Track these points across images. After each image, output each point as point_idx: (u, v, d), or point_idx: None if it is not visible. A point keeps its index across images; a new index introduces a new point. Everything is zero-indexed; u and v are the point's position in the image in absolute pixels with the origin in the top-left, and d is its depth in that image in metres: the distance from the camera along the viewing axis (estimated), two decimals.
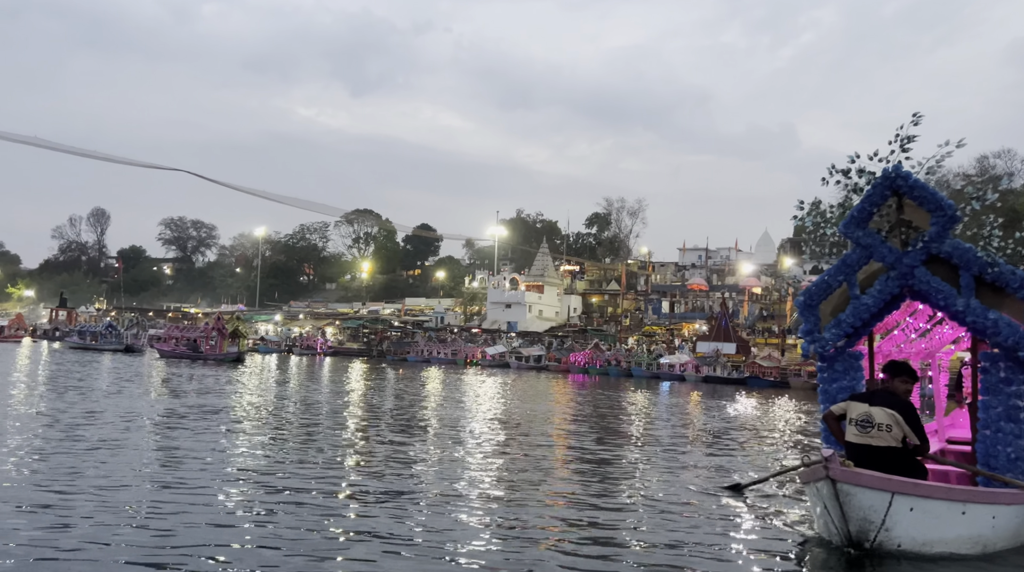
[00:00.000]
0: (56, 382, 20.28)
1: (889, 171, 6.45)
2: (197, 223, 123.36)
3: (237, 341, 42.46)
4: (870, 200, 6.56)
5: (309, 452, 10.04)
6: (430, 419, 15.15)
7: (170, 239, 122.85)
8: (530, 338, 63.91)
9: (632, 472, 9.75)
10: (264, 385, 24.05)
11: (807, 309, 7.06)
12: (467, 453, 10.59)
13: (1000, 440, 6.25)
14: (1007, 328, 6.10)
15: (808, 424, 19.29)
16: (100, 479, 7.43)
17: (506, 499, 7.42)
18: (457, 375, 38.52)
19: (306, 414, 14.78)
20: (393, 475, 8.53)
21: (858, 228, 6.70)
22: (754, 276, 71.73)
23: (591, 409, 20.07)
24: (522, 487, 8.10)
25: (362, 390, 23.55)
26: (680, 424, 16.93)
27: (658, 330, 62.57)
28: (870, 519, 5.17)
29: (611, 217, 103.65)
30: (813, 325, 7.00)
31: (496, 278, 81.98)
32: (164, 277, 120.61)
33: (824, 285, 6.96)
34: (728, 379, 44.72)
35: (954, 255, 6.29)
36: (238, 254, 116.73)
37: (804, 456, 6.99)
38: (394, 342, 65.32)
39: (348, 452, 10.34)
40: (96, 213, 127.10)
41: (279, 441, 10.85)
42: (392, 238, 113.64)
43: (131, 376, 24.65)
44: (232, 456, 9.42)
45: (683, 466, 10.37)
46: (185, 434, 11.02)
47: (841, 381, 6.96)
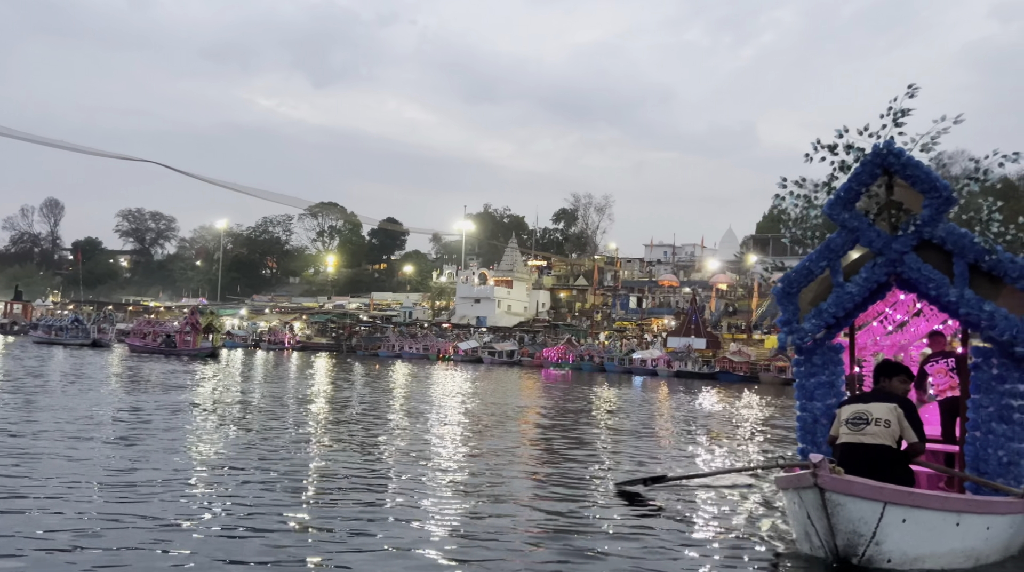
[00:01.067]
0: (52, 379, 19.77)
1: (880, 147, 5.87)
2: (156, 215, 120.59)
3: (211, 336, 41.78)
4: (858, 179, 5.99)
5: (299, 447, 9.98)
6: (414, 415, 15.05)
7: (127, 231, 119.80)
8: (501, 333, 64.05)
9: (597, 469, 9.33)
10: (248, 381, 23.86)
11: (785, 297, 6.48)
12: (439, 446, 10.67)
13: (991, 442, 5.78)
14: (1004, 321, 5.62)
15: (775, 417, 19.65)
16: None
17: (474, 498, 7.17)
18: (431, 370, 38.46)
19: (299, 411, 14.63)
20: (370, 471, 8.59)
21: (844, 209, 6.13)
22: (720, 272, 72.89)
23: (568, 404, 20.14)
24: (487, 487, 7.81)
25: (344, 386, 23.43)
26: (654, 418, 16.62)
27: (629, 325, 63.24)
28: (860, 532, 4.69)
29: (578, 213, 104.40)
30: (791, 315, 6.44)
31: (465, 273, 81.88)
32: (121, 270, 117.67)
33: (805, 271, 6.39)
34: (699, 374, 45.43)
35: (948, 241, 5.80)
36: (198, 247, 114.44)
37: (779, 457, 6.50)
38: (364, 337, 64.81)
39: (333, 446, 10.38)
40: (49, 203, 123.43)
41: (271, 437, 10.78)
42: (357, 232, 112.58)
43: (117, 371, 24.26)
44: (215, 451, 9.46)
45: (655, 459, 10.12)
46: (175, 432, 10.76)
47: (819, 376, 6.45)
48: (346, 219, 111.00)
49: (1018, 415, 5.75)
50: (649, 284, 72.53)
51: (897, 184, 6.02)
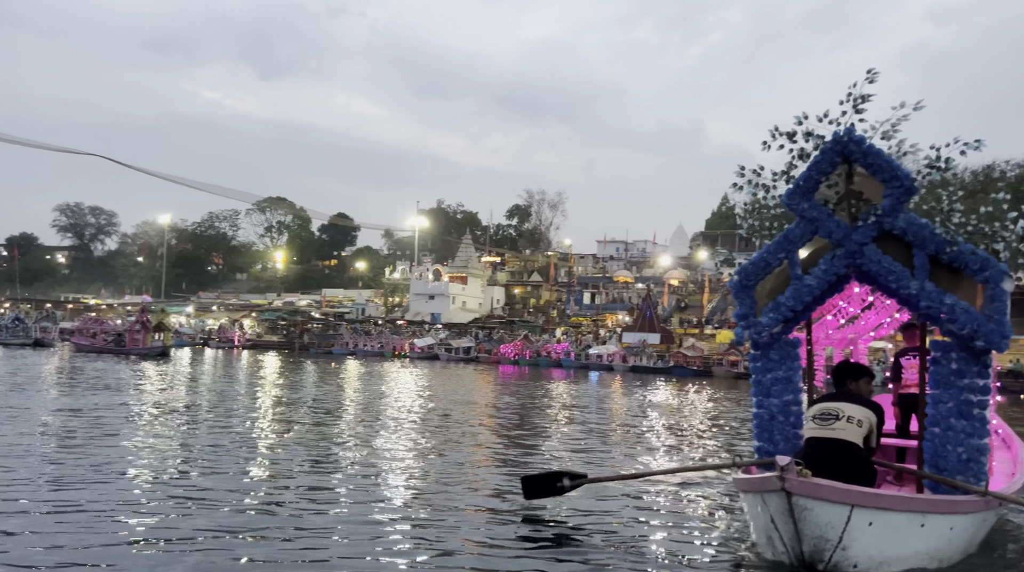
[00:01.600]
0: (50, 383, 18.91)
1: (840, 135, 5.69)
2: (96, 209, 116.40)
3: (161, 335, 40.55)
4: (817, 167, 5.81)
5: (243, 451, 9.75)
6: (369, 415, 14.84)
7: (65, 226, 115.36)
8: (457, 329, 63.85)
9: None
10: (201, 381, 23.25)
11: (742, 290, 6.27)
12: (386, 447, 10.41)
13: (950, 439, 5.63)
14: (964, 314, 5.50)
15: (730, 411, 19.95)
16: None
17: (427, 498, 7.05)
18: (387, 368, 38.10)
19: (252, 414, 14.16)
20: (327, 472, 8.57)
21: (803, 199, 5.91)
22: (672, 268, 74.06)
23: (526, 400, 20.15)
24: (437, 486, 7.74)
25: (300, 386, 23.00)
26: (609, 413, 16.45)
27: (584, 321, 63.76)
28: (827, 537, 4.53)
29: (532, 209, 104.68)
30: (748, 308, 6.24)
31: (419, 269, 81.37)
32: (59, 266, 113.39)
33: (762, 263, 6.18)
34: (654, 368, 46.03)
35: (909, 231, 5.65)
36: (141, 243, 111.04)
37: (736, 456, 6.14)
38: (317, 334, 63.81)
39: (279, 450, 10.19)
40: None
41: (222, 440, 10.45)
42: (307, 227, 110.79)
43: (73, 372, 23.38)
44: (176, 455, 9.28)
45: (609, 456, 10.04)
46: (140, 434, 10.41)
47: (776, 371, 6.26)
48: (295, 214, 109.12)
49: (977, 410, 5.63)
50: (604, 280, 73.23)
51: (857, 173, 5.87)
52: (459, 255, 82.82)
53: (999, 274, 5.53)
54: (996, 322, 5.49)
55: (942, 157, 5.66)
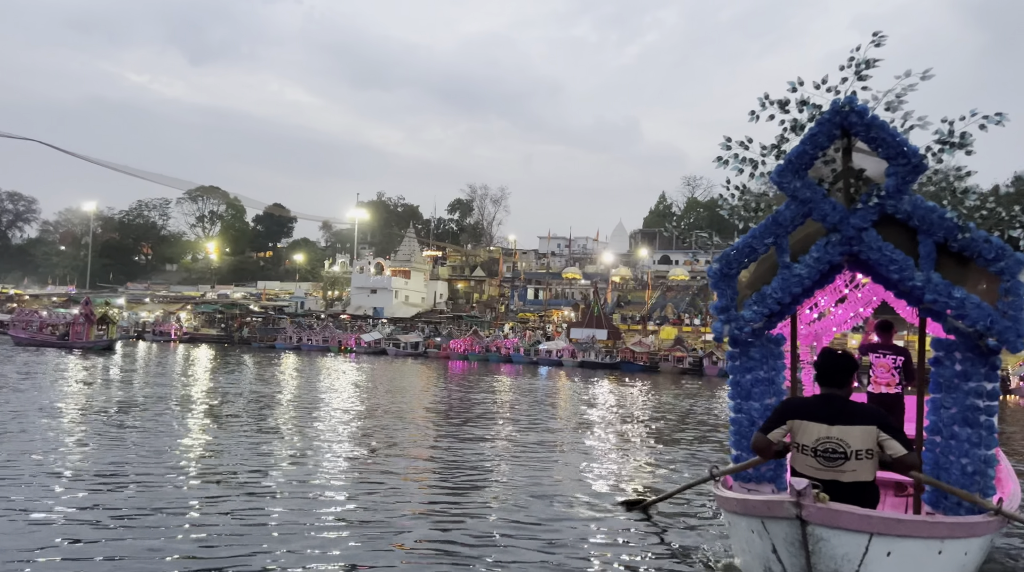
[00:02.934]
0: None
1: (840, 104, 5.05)
2: (14, 195, 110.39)
3: (106, 327, 38.98)
4: (813, 141, 5.18)
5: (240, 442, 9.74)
6: (329, 411, 14.70)
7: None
8: (403, 324, 63.44)
9: (501, 471, 8.90)
10: (149, 376, 22.57)
11: (723, 280, 5.62)
12: (330, 446, 10.16)
13: (954, 449, 5.03)
14: (975, 309, 4.91)
15: (690, 408, 20.18)
16: None
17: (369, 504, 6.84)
18: (334, 363, 37.63)
19: (205, 409, 13.91)
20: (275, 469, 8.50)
21: (796, 177, 5.27)
22: (614, 265, 75.37)
23: (480, 395, 20.16)
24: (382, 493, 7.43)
25: (265, 381, 22.66)
26: (567, 411, 16.45)
27: (531, 317, 64.32)
28: (841, 570, 3.96)
29: (474, 204, 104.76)
30: (729, 300, 5.60)
31: (361, 262, 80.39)
32: None
33: (747, 250, 5.54)
34: (602, 364, 46.79)
35: (914, 216, 5.04)
36: (63, 231, 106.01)
37: (713, 467, 5.43)
38: (259, 328, 62.35)
39: (220, 445, 10.10)
40: None
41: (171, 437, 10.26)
42: (240, 218, 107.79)
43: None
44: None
45: (559, 462, 9.57)
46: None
47: (757, 371, 5.62)
48: (229, 204, 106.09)
49: (984, 417, 5.00)
50: (550, 276, 73.98)
51: (857, 148, 5.26)
52: (402, 249, 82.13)
53: (1016, 264, 4.94)
54: (1011, 318, 4.90)
55: (955, 131, 4.98)
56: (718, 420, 17.12)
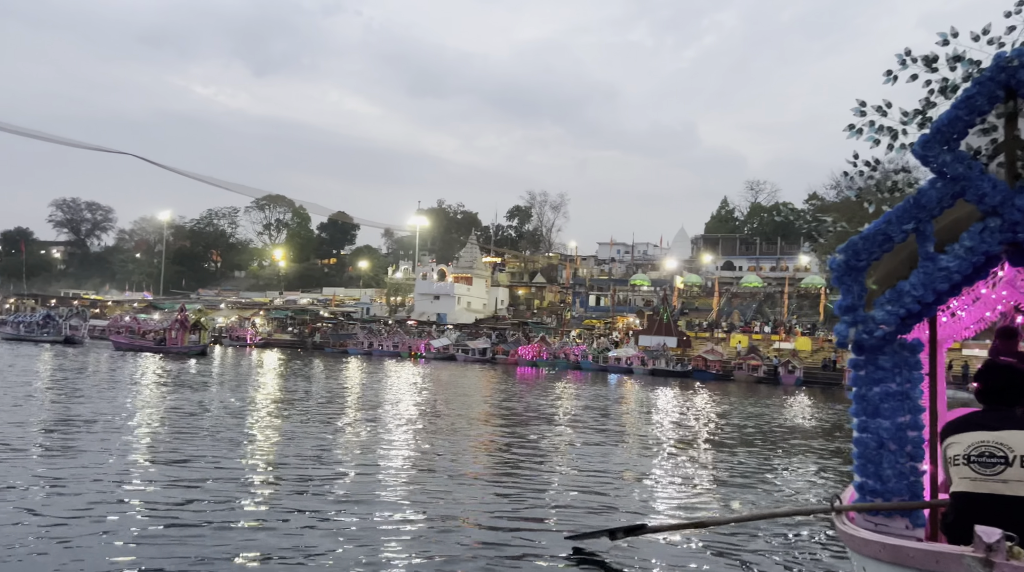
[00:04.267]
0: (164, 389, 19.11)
1: (1006, 58, 4.14)
2: (92, 205, 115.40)
3: (199, 333, 40.64)
4: (969, 105, 4.26)
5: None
6: (433, 416, 15.39)
7: (61, 221, 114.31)
8: (469, 330, 64.11)
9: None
10: (262, 380, 23.59)
11: (849, 273, 4.70)
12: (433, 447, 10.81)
13: None
14: None
15: (781, 419, 20.73)
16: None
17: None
18: (413, 369, 38.47)
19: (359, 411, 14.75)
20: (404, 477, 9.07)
21: (945, 149, 4.33)
22: (677, 271, 74.73)
23: (567, 404, 20.69)
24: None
25: (363, 387, 23.47)
26: (637, 422, 17.42)
27: (597, 324, 64.26)
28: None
29: (533, 210, 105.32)
30: (856, 298, 4.70)
31: (424, 269, 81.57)
32: (55, 262, 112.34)
33: (880, 238, 4.59)
34: (674, 372, 46.58)
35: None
36: (138, 239, 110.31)
37: (833, 498, 4.70)
38: (332, 334, 63.83)
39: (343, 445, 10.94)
40: None
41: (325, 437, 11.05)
42: (305, 226, 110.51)
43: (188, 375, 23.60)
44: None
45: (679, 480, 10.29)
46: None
47: (888, 383, 4.68)
48: (294, 212, 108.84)
49: None
50: (613, 282, 73.81)
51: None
52: (464, 255, 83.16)
53: None
54: None
55: None
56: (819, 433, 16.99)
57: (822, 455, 13.46)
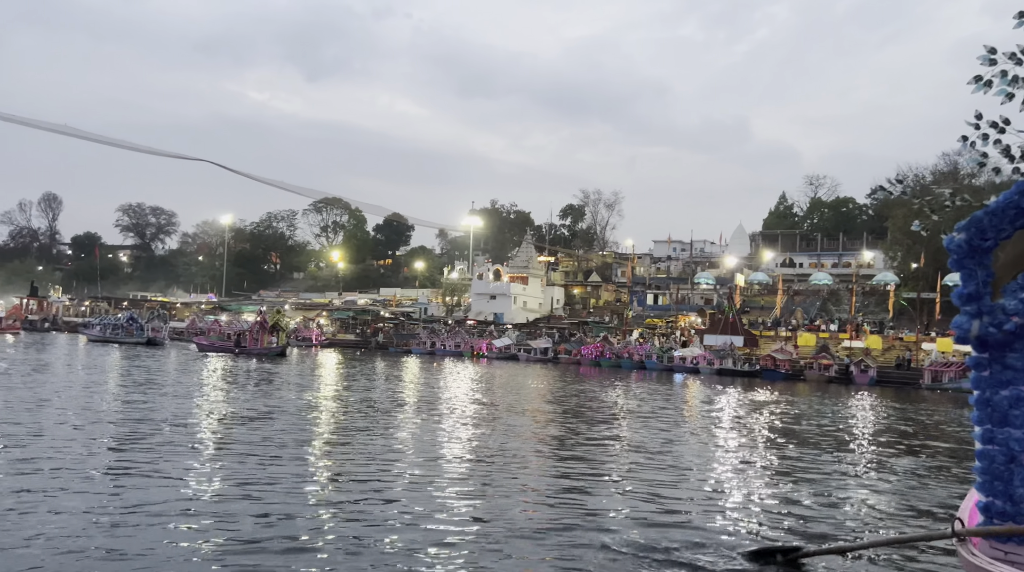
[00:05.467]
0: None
1: None
2: (156, 209, 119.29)
3: (277, 335, 41.83)
4: None
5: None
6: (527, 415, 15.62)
7: (128, 226, 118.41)
8: (528, 330, 64.34)
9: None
10: (356, 380, 24.24)
11: (972, 256, 3.98)
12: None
13: None
14: None
15: (874, 421, 20.19)
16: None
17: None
18: (479, 368, 38.85)
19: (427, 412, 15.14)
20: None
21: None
22: (737, 269, 73.71)
23: (643, 405, 20.73)
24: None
25: (436, 386, 23.94)
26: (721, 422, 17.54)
27: (659, 323, 63.82)
28: None
29: (587, 209, 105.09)
30: (980, 285, 4.01)
31: (480, 269, 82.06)
32: (122, 265, 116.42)
33: (1012, 212, 3.86)
34: (742, 372, 45.94)
35: None
36: (200, 242, 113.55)
37: (954, 521, 4.16)
38: (395, 334, 64.79)
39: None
40: (47, 198, 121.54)
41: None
42: (362, 227, 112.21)
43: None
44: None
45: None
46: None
47: (1019, 386, 4.00)
48: (351, 214, 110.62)
49: None
50: (672, 280, 73.20)
51: None
52: (519, 255, 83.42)
53: None
54: None
55: None
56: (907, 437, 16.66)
57: (941, 462, 13.24)
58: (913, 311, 55.61)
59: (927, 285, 57.08)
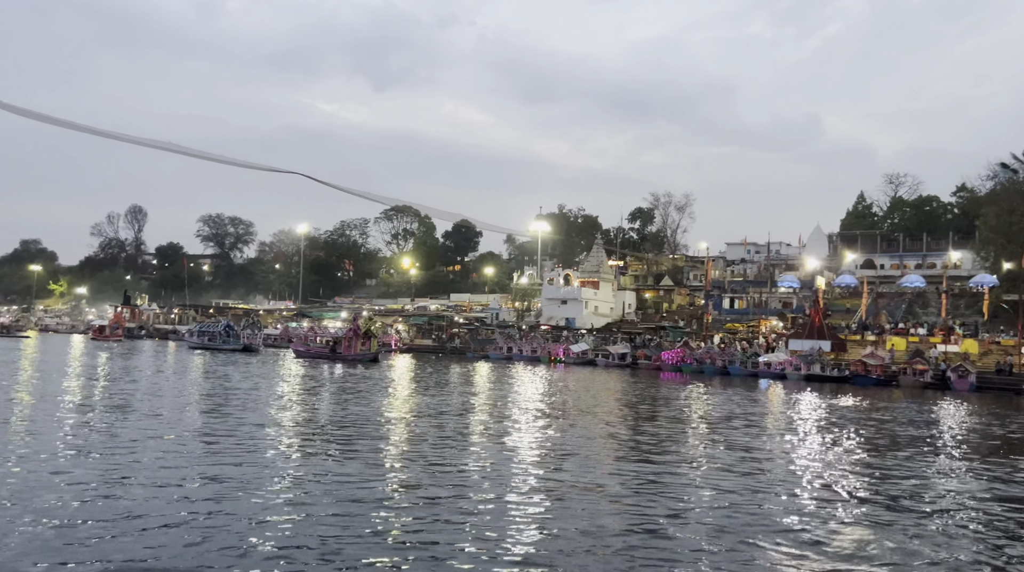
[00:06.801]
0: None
1: None
2: (235, 220, 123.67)
3: (370, 341, 42.96)
4: None
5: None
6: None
7: (208, 236, 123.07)
8: (602, 335, 64.13)
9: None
10: (450, 386, 24.75)
11: None
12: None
13: None
14: None
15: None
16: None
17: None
18: (561, 374, 38.99)
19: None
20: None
21: None
22: (817, 272, 71.83)
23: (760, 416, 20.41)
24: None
25: (547, 393, 24.17)
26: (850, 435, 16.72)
27: (740, 327, 62.76)
28: None
29: (656, 211, 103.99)
30: None
31: (551, 274, 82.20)
32: (203, 274, 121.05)
33: None
34: (830, 377, 44.76)
35: None
36: (276, 251, 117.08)
37: None
38: (472, 339, 65.54)
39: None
40: (133, 210, 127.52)
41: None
42: (431, 234, 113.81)
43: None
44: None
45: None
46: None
47: None
48: (421, 221, 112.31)
49: None
50: (748, 284, 71.90)
51: None
52: (589, 260, 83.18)
53: None
54: None
55: None
56: None
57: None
58: (1013, 314, 53.21)
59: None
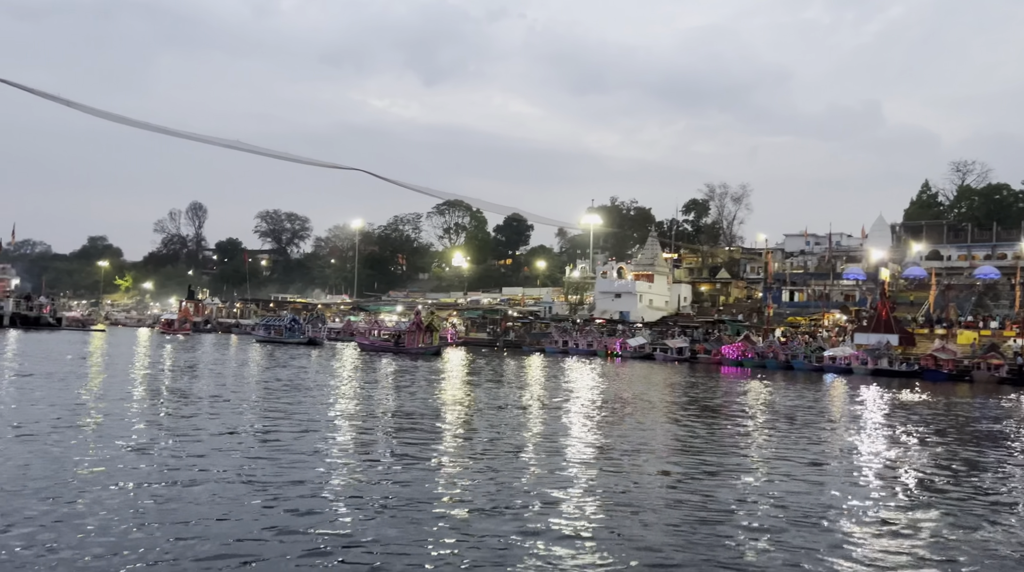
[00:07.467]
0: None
1: None
2: (291, 215, 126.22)
3: (431, 335, 43.54)
4: None
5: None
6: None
7: (265, 231, 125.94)
8: (659, 329, 63.52)
9: None
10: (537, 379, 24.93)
11: None
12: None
13: None
14: None
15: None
16: None
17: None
18: (622, 369, 38.75)
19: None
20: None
21: None
22: (881, 263, 69.89)
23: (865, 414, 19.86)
24: None
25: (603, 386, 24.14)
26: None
27: (803, 321, 61.47)
28: None
29: (711, 203, 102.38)
30: None
31: (605, 267, 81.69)
32: (261, 269, 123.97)
33: None
34: (899, 372, 43.51)
35: None
36: (332, 246, 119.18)
37: None
38: (528, 333, 65.69)
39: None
40: (194, 207, 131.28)
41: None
42: (483, 228, 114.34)
43: None
44: None
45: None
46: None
47: None
48: (472, 215, 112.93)
49: None
50: (814, 276, 70.41)
51: None
52: (644, 252, 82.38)
53: None
54: None
55: None
56: None
57: None
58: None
59: None
